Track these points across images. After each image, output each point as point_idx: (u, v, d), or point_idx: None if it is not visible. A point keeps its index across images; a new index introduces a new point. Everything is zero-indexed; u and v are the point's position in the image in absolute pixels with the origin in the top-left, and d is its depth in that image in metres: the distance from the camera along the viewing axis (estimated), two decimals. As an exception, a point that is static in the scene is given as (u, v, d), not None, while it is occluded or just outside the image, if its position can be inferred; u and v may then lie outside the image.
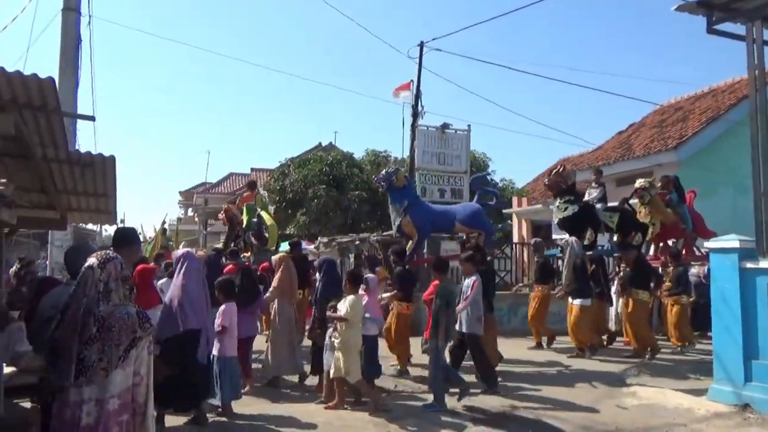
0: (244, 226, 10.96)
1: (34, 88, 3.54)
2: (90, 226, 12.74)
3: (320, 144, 31.06)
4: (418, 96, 13.83)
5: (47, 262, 10.24)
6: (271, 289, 7.47)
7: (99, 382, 2.68)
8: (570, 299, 9.41)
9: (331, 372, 6.03)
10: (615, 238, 10.64)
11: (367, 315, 6.52)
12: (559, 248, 10.38)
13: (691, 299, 10.48)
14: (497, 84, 65.25)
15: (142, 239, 13.76)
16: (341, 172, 21.68)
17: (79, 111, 8.77)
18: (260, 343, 7.75)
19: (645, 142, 16.88)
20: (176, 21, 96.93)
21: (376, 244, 13.17)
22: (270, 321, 7.72)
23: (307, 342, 7.77)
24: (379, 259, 12.49)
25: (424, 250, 11.26)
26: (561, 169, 10.13)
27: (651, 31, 73.45)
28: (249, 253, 9.82)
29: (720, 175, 14.68)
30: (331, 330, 6.16)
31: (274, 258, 7.93)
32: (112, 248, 4.74)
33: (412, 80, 14.07)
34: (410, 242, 9.18)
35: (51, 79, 3.49)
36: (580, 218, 9.81)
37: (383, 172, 9.53)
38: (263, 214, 10.59)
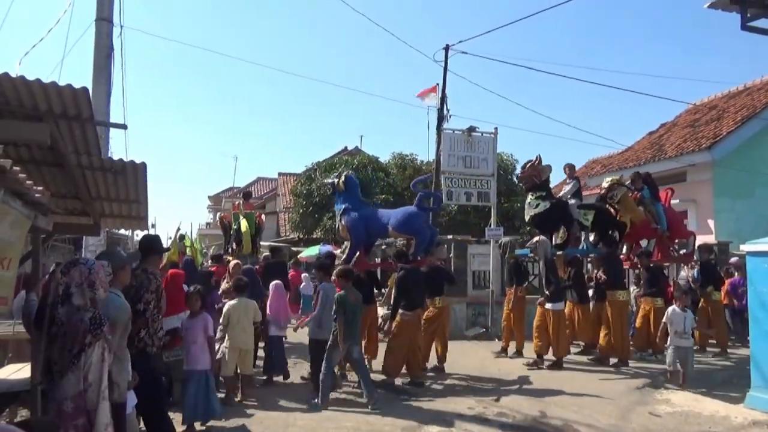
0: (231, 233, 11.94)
1: (69, 98, 3.62)
2: (122, 231, 13.00)
3: (346, 148, 31.18)
4: (443, 99, 13.80)
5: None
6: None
7: (57, 384, 2.79)
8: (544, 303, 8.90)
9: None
10: (591, 238, 10.14)
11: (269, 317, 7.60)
12: (529, 249, 9.82)
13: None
14: (524, 86, 64.68)
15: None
16: (367, 175, 21.73)
17: (111, 118, 8.98)
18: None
19: (677, 142, 16.54)
20: (203, 29, 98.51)
21: (403, 248, 13.15)
22: None
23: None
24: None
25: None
26: (536, 162, 9.48)
27: (682, 28, 71.90)
28: (232, 258, 10.35)
29: (757, 175, 14.32)
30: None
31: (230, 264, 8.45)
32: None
33: (437, 83, 14.06)
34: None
35: (85, 89, 3.56)
36: (552, 215, 9.31)
37: (333, 175, 9.61)
38: (241, 222, 11.30)
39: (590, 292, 9.92)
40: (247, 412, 6.24)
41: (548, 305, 8.75)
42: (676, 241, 10.98)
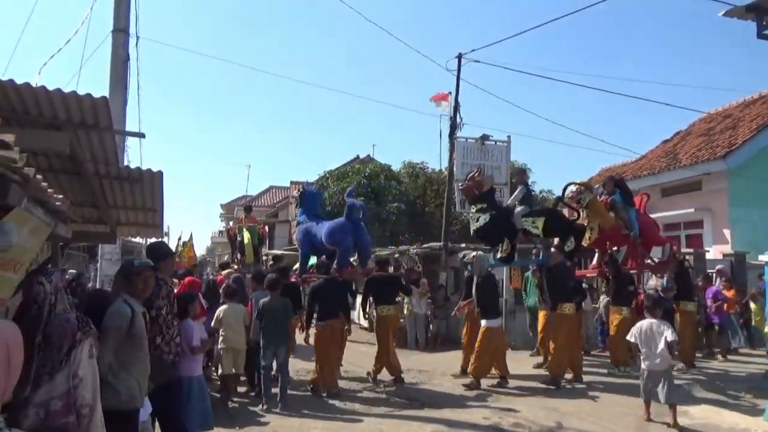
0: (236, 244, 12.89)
1: (88, 108, 3.66)
2: (137, 239, 13.17)
3: (358, 156, 31.26)
4: (456, 108, 13.81)
5: (97, 274, 10.60)
6: None
7: (44, 386, 2.74)
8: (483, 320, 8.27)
9: None
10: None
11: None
12: (468, 264, 9.37)
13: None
14: (537, 95, 64.68)
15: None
16: (379, 184, 21.76)
17: (127, 127, 9.08)
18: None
19: (692, 150, 16.40)
20: (218, 39, 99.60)
21: (415, 257, 13.15)
22: None
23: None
24: (419, 271, 12.48)
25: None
26: (476, 174, 9.08)
27: (697, 37, 71.56)
28: (236, 267, 11.18)
29: (773, 184, 14.14)
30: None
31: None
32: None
33: (450, 92, 14.07)
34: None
35: (104, 99, 3.59)
36: (494, 228, 8.80)
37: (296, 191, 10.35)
38: (244, 233, 12.20)
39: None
40: (261, 420, 6.24)
41: (483, 322, 8.17)
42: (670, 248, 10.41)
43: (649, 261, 10.28)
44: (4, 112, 3.62)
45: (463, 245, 13.14)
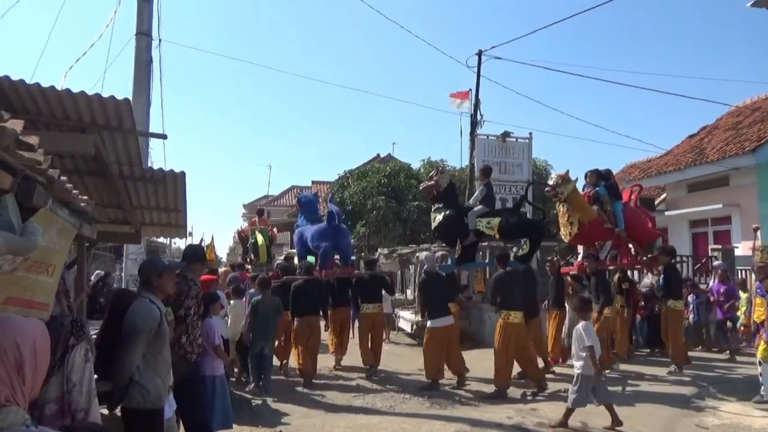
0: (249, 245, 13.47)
1: (112, 110, 3.72)
2: (161, 239, 13.41)
3: (378, 155, 31.27)
4: (477, 105, 13.72)
5: (122, 274, 10.81)
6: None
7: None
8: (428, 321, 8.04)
9: None
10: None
11: None
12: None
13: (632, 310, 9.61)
14: (558, 91, 63.92)
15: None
16: (399, 183, 21.73)
17: (150, 129, 9.21)
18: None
19: (719, 145, 16.03)
20: (238, 39, 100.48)
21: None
22: None
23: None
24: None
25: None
26: (434, 174, 9.06)
27: (724, 28, 70.03)
28: (250, 267, 11.77)
29: (804, 179, 13.75)
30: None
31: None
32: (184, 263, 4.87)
33: (470, 89, 13.99)
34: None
35: (127, 101, 3.65)
36: (449, 227, 8.70)
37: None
38: (257, 235, 12.60)
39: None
40: (282, 420, 6.27)
41: (429, 323, 7.95)
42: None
43: (642, 257, 9.79)
44: (31, 115, 3.69)
45: (484, 243, 13.04)
